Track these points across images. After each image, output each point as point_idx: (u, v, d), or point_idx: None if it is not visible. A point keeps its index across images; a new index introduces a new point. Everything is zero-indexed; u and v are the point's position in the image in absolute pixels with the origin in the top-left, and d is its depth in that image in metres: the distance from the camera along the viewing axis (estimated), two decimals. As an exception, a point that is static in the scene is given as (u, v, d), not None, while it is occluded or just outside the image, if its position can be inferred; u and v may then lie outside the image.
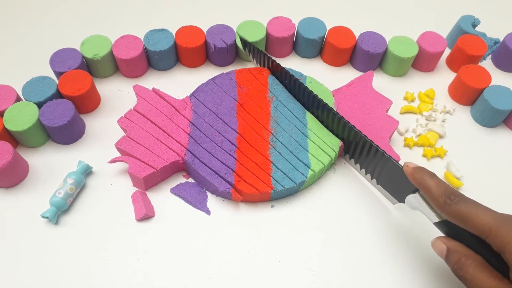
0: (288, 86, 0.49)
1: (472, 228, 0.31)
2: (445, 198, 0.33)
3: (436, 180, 0.35)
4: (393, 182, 0.41)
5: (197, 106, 0.47)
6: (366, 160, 0.44)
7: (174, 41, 0.52)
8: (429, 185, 0.35)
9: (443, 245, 0.34)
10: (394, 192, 0.42)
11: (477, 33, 0.59)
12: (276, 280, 0.40)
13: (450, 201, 0.33)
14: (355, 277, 0.40)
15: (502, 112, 0.49)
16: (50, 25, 0.60)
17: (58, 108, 0.45)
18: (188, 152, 0.44)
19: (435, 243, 0.35)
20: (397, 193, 0.41)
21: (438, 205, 0.34)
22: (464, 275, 0.32)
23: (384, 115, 0.48)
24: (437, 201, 0.34)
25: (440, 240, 0.35)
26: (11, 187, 0.44)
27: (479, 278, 0.31)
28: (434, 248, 0.35)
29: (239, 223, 0.43)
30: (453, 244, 0.34)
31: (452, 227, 0.34)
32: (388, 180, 0.42)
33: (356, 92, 0.50)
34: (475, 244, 0.33)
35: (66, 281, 0.39)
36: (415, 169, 0.36)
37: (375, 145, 0.41)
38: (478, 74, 0.52)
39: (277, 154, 0.45)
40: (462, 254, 0.33)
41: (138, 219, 0.42)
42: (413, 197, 0.38)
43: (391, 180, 0.42)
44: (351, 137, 0.44)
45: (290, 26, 0.55)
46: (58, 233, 0.42)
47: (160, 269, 0.40)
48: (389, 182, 0.42)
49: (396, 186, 0.41)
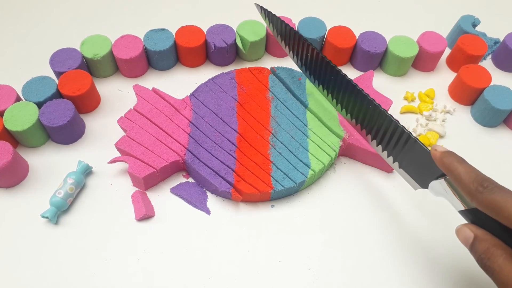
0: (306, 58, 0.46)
1: (505, 219, 0.29)
2: (477, 185, 0.31)
3: (467, 165, 0.33)
4: (417, 166, 0.39)
5: (197, 106, 0.47)
6: (389, 142, 0.41)
7: (174, 41, 0.52)
8: (459, 171, 0.32)
9: (470, 232, 0.31)
10: (417, 177, 0.39)
11: (477, 33, 0.59)
12: (276, 280, 0.40)
13: (482, 189, 0.30)
14: (355, 277, 0.40)
15: (502, 112, 0.49)
16: (50, 25, 0.60)
17: (58, 108, 0.45)
18: (188, 152, 0.44)
19: (461, 230, 0.32)
20: (421, 178, 0.39)
21: (469, 192, 0.31)
22: (491, 265, 0.30)
23: None
24: (468, 188, 0.31)
25: (467, 227, 0.32)
26: (11, 187, 0.44)
27: (509, 269, 0.29)
28: (458, 235, 0.33)
29: (239, 223, 0.43)
30: (482, 232, 0.31)
31: (480, 216, 0.32)
32: (412, 164, 0.39)
33: None
34: (506, 238, 0.30)
35: (66, 281, 0.39)
36: (444, 153, 0.34)
37: (401, 126, 0.39)
38: (478, 74, 0.52)
39: (277, 154, 0.45)
40: (492, 243, 0.30)
41: (138, 219, 0.42)
42: (438, 183, 0.36)
43: (415, 164, 0.39)
44: (374, 117, 0.41)
45: (291, 26, 0.55)
46: (58, 233, 0.42)
47: (160, 269, 0.40)
48: (412, 166, 0.39)
49: (420, 170, 0.38)
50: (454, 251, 0.42)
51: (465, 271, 0.41)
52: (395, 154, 0.41)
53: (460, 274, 0.41)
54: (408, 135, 0.38)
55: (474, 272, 0.41)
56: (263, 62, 0.56)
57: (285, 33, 0.48)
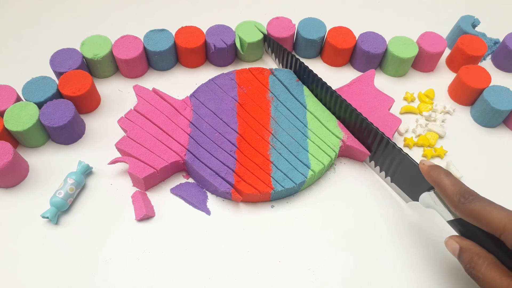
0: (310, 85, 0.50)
1: (486, 226, 0.32)
2: (459, 196, 0.34)
3: (452, 178, 0.35)
4: (408, 180, 0.42)
5: (197, 106, 0.48)
6: (381, 157, 0.44)
7: (174, 42, 0.52)
8: (445, 183, 0.35)
9: (456, 244, 0.34)
10: (409, 190, 0.42)
11: (477, 33, 0.59)
12: (276, 280, 0.40)
13: (464, 200, 0.33)
14: (355, 277, 0.40)
15: (502, 112, 0.49)
16: (50, 25, 0.60)
17: (58, 108, 0.45)
18: (188, 152, 0.44)
19: (448, 242, 0.35)
20: (411, 191, 0.42)
21: (453, 203, 0.34)
22: (476, 274, 0.32)
23: (387, 113, 0.48)
24: (452, 199, 0.34)
25: (453, 239, 0.35)
26: (11, 187, 0.44)
27: (491, 277, 0.31)
28: (447, 247, 0.35)
29: (239, 223, 0.43)
30: (466, 243, 0.34)
31: (466, 226, 0.34)
32: (402, 178, 0.43)
33: (358, 91, 0.50)
34: (489, 242, 0.33)
35: (66, 281, 0.39)
36: (431, 167, 0.37)
37: (392, 142, 0.42)
38: (478, 74, 0.52)
39: (277, 154, 0.45)
40: (475, 253, 0.33)
41: (138, 219, 0.42)
42: (428, 195, 0.38)
43: (406, 177, 0.42)
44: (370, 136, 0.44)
45: (290, 27, 0.55)
46: (58, 233, 0.42)
47: (160, 269, 0.40)
48: (403, 180, 0.43)
49: (411, 184, 0.41)
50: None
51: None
52: (387, 169, 0.44)
53: (459, 274, 0.41)
54: (399, 150, 0.41)
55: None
56: (262, 62, 0.56)
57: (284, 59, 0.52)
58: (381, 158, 0.44)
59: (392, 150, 0.42)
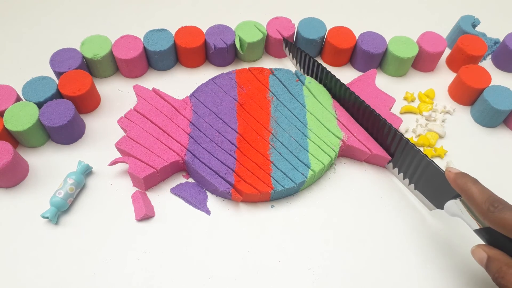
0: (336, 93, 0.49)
1: None
2: (488, 205, 0.33)
3: (479, 186, 0.34)
4: (433, 188, 0.41)
5: (197, 106, 0.48)
6: (405, 164, 0.43)
7: (174, 41, 0.52)
8: (472, 191, 0.34)
9: (483, 253, 0.34)
10: (433, 197, 0.41)
11: (477, 33, 0.59)
12: (276, 280, 0.40)
13: (494, 209, 0.32)
14: (355, 277, 0.40)
15: (502, 112, 0.49)
16: (50, 25, 0.60)
17: (58, 108, 0.45)
18: (188, 152, 0.44)
19: (475, 251, 0.34)
20: (436, 199, 0.41)
21: (481, 212, 0.33)
22: (505, 284, 0.31)
23: (388, 113, 0.48)
24: (480, 208, 0.33)
25: (481, 248, 0.34)
26: (11, 187, 0.44)
27: None
28: (474, 256, 0.35)
29: (239, 223, 0.43)
30: (494, 253, 0.33)
31: (494, 235, 0.34)
32: (427, 185, 0.42)
33: (359, 90, 0.50)
34: None
35: (66, 281, 0.39)
36: (458, 175, 0.36)
37: (417, 148, 0.41)
38: (478, 74, 0.52)
39: (277, 154, 0.45)
40: (504, 263, 0.32)
41: (138, 219, 0.42)
42: (453, 203, 0.37)
43: (431, 185, 0.41)
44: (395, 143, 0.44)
45: (290, 26, 0.55)
46: (58, 233, 0.42)
47: (160, 269, 0.40)
48: (428, 188, 0.42)
49: (436, 191, 0.41)
50: (453, 251, 0.42)
51: (464, 271, 0.41)
52: (411, 176, 0.43)
53: (460, 274, 0.41)
54: (424, 157, 0.40)
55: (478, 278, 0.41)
56: (262, 63, 0.56)
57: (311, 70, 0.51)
58: (405, 165, 0.43)
59: (416, 157, 0.41)
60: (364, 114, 0.46)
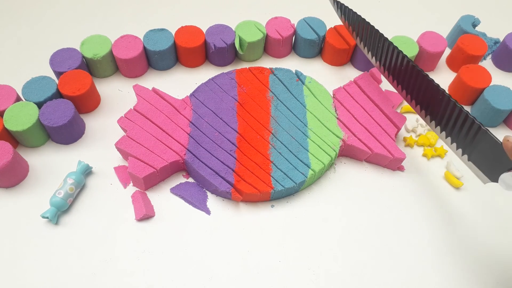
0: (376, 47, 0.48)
1: None
2: None
3: None
4: (487, 159, 0.38)
5: (197, 106, 0.47)
6: (459, 133, 0.41)
7: (174, 41, 0.52)
8: None
9: None
10: (487, 170, 0.38)
11: (477, 33, 0.59)
12: (276, 280, 0.40)
13: None
14: (354, 277, 0.40)
15: (502, 112, 0.49)
16: (50, 25, 0.60)
17: (58, 108, 0.45)
18: (188, 152, 0.44)
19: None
20: (491, 171, 0.38)
21: None
22: None
23: (391, 111, 0.48)
24: None
25: None
26: (11, 187, 0.44)
27: None
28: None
29: (239, 223, 0.43)
30: None
31: None
32: (481, 157, 0.39)
33: (364, 87, 0.49)
34: None
35: (66, 281, 0.39)
36: None
37: (471, 117, 0.38)
38: (478, 74, 0.52)
39: (277, 154, 0.45)
40: None
41: (138, 219, 0.42)
42: (509, 175, 0.35)
43: (485, 156, 0.38)
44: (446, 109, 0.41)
45: (289, 26, 0.55)
46: (58, 233, 0.42)
47: (160, 269, 0.40)
48: (482, 159, 0.39)
49: (490, 163, 0.38)
50: (453, 252, 0.42)
51: (463, 271, 0.41)
52: (465, 146, 0.40)
53: (460, 275, 0.41)
54: (479, 126, 0.38)
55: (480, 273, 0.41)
56: (261, 62, 0.56)
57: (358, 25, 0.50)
58: (458, 135, 0.40)
59: (471, 126, 0.38)
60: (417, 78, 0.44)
